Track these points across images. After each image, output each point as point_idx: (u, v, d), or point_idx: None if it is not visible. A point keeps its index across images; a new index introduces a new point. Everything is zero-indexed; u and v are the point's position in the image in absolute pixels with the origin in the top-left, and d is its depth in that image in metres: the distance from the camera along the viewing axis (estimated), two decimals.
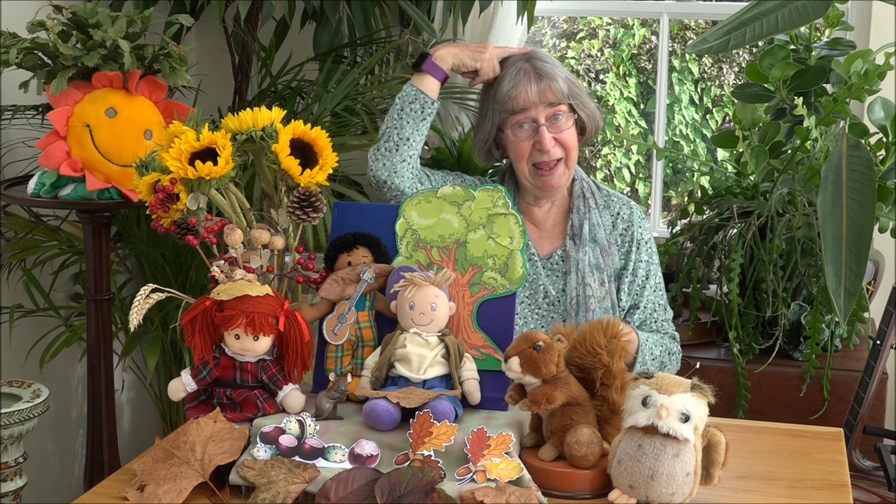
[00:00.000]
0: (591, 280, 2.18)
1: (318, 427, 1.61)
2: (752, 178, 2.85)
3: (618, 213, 2.25)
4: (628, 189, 5.55)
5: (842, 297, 1.81)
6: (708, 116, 5.61)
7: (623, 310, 2.22)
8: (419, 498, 1.48)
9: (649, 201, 3.82)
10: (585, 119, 2.21)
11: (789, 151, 2.80)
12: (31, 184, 2.39)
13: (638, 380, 1.52)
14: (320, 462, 1.56)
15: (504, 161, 2.35)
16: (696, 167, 3.26)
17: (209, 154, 1.77)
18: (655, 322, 2.24)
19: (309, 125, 1.85)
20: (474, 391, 1.72)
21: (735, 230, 2.73)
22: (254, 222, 1.87)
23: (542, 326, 2.18)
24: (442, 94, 3.03)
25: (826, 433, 1.83)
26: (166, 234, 1.83)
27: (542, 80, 2.16)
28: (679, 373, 1.55)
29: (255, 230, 1.77)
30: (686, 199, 2.97)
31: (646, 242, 2.25)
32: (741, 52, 5.39)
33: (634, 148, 5.45)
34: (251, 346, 1.67)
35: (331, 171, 1.85)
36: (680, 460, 1.47)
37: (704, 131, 5.55)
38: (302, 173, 1.81)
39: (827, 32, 2.89)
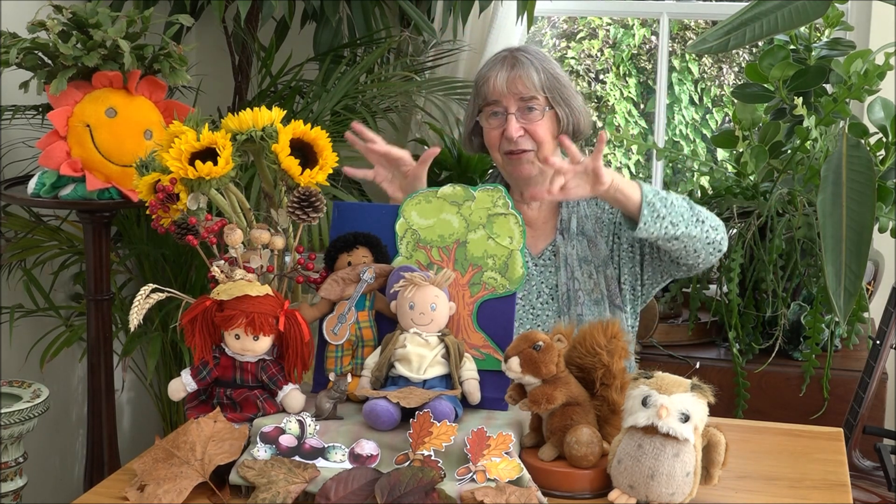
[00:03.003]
0: (580, 273, 2.18)
1: (318, 427, 1.61)
2: (752, 178, 2.85)
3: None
4: None
5: (842, 297, 1.81)
6: (708, 116, 5.61)
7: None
8: (419, 498, 1.48)
9: None
10: (562, 115, 2.18)
11: (789, 151, 2.80)
12: (32, 184, 2.39)
13: (638, 380, 1.52)
14: (320, 462, 1.56)
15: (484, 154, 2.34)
16: (696, 167, 3.26)
17: (209, 154, 1.77)
18: None
19: (309, 125, 1.85)
20: (474, 391, 1.72)
21: (735, 230, 2.73)
22: (254, 222, 1.87)
23: (538, 325, 2.18)
24: (442, 91, 3.04)
25: (826, 433, 1.83)
26: (166, 234, 1.82)
27: (513, 69, 2.15)
28: (679, 373, 1.55)
29: (255, 230, 1.77)
30: None
31: None
32: (741, 52, 5.39)
33: (634, 148, 5.45)
34: (251, 346, 1.67)
35: (331, 171, 1.85)
36: (680, 460, 1.47)
37: (704, 131, 5.55)
38: (302, 173, 1.81)
39: (827, 32, 2.89)
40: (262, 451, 1.57)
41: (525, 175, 2.18)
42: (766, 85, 2.78)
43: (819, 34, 2.92)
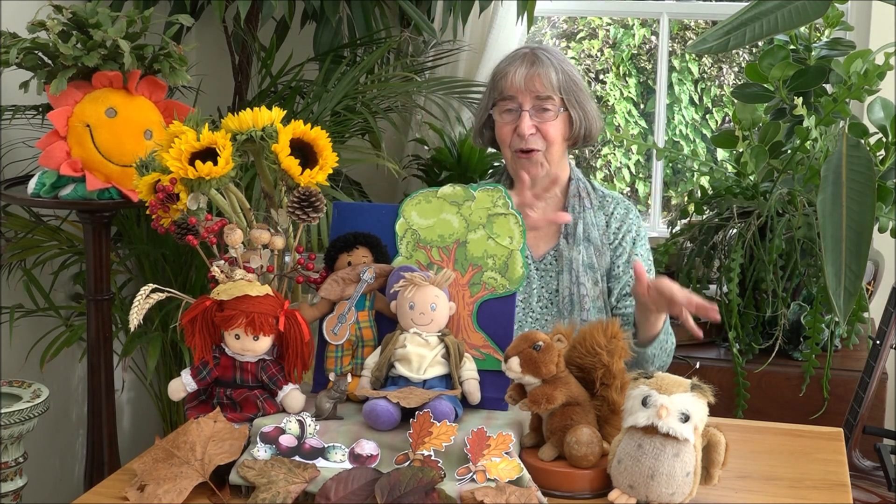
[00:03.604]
0: (586, 279, 2.18)
1: (318, 427, 1.61)
2: (751, 178, 2.85)
3: (612, 213, 2.25)
4: (628, 189, 5.55)
5: (842, 297, 1.81)
6: (708, 116, 5.61)
7: (615, 301, 2.21)
8: (419, 498, 1.48)
9: (649, 201, 3.82)
10: (576, 118, 2.19)
11: (789, 151, 2.80)
12: (32, 184, 2.39)
13: (638, 380, 1.52)
14: (320, 462, 1.56)
15: (489, 150, 2.35)
16: (696, 167, 3.26)
17: (209, 154, 1.77)
18: None
19: (309, 125, 1.85)
20: (474, 391, 1.72)
21: (735, 230, 2.73)
22: (254, 222, 1.87)
23: (537, 329, 2.17)
24: (442, 91, 3.04)
25: (826, 433, 1.83)
26: (166, 234, 1.83)
27: (533, 67, 2.16)
28: (679, 373, 1.55)
29: (255, 230, 1.77)
30: (686, 199, 2.97)
31: (641, 239, 2.25)
32: (741, 52, 5.39)
33: (634, 148, 5.45)
34: (251, 346, 1.67)
35: (330, 171, 1.85)
36: (680, 460, 1.47)
37: (704, 131, 5.55)
38: (302, 173, 1.81)
39: (827, 32, 2.89)
40: (262, 451, 1.57)
41: (532, 175, 2.18)
42: (766, 85, 2.78)
43: (819, 34, 2.92)
